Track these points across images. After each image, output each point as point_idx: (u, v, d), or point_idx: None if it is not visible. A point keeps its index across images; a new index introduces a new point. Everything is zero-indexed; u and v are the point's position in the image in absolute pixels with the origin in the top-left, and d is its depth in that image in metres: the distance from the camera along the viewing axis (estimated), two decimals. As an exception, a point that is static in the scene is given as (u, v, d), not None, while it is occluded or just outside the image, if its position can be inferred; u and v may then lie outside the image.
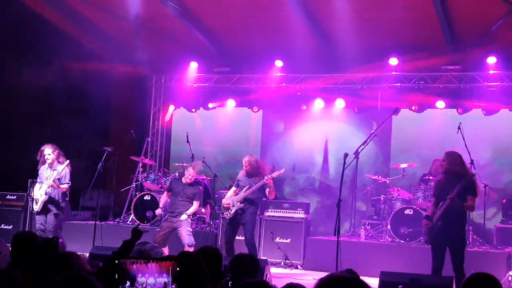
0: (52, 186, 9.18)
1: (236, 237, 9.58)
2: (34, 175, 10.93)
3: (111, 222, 12.30)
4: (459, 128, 10.44)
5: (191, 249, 8.86)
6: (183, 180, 9.79)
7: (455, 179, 7.49)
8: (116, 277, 2.00)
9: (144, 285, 2.00)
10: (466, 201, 7.40)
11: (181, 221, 9.51)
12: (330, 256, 7.92)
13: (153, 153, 14.65)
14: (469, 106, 12.55)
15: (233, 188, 9.57)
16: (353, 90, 13.29)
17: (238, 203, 9.18)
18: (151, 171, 12.98)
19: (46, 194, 9.23)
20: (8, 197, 12.32)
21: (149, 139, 14.43)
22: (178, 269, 1.97)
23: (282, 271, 10.44)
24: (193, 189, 9.84)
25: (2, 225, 12.12)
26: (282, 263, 10.88)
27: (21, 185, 12.30)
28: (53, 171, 9.29)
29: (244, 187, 9.27)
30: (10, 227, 12.08)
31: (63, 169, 9.31)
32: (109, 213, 12.87)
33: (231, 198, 9.36)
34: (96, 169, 10.25)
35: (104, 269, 2.02)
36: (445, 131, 12.40)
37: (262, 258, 10.23)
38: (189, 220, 9.89)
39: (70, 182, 9.45)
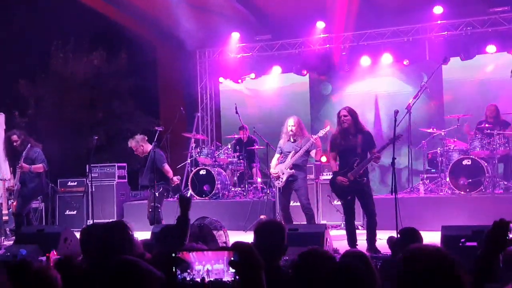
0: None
1: (293, 203, 9.55)
2: (90, 160, 11.22)
3: (171, 199, 12.45)
4: (512, 71, 10.13)
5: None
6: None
7: (354, 134, 7.94)
8: (174, 269, 2.04)
9: (201, 272, 2.03)
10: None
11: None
12: (390, 214, 7.81)
13: (204, 128, 14.77)
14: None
15: (277, 155, 9.25)
16: (399, 43, 13.00)
17: (288, 169, 9.01)
18: (203, 146, 13.06)
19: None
20: (69, 183, 12.63)
21: (199, 114, 14.54)
22: (233, 258, 1.99)
23: (342, 233, 10.40)
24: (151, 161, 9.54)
25: (67, 211, 12.47)
26: (342, 225, 10.82)
27: (79, 170, 12.60)
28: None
29: (289, 152, 9.07)
30: (75, 212, 12.42)
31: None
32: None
33: (278, 167, 9.09)
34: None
35: (165, 264, 2.06)
36: (497, 76, 12.05)
37: (321, 223, 10.27)
38: (159, 193, 9.52)
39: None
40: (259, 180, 12.56)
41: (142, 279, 2.34)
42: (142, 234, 7.28)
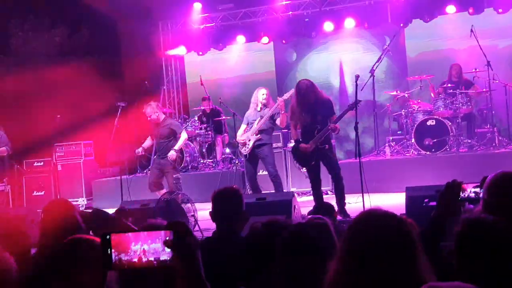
0: None
1: (262, 173, 9.58)
2: (54, 139, 11.11)
3: (139, 174, 12.44)
4: (471, 31, 10.21)
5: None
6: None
7: (314, 102, 7.99)
8: (109, 251, 2.03)
9: (138, 252, 2.03)
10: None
11: (167, 161, 9.46)
12: (357, 178, 7.91)
13: (170, 101, 14.66)
14: (480, 6, 12.11)
15: (243, 126, 9.31)
16: (361, 7, 12.96)
17: (254, 135, 9.03)
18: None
19: None
20: (35, 164, 12.50)
21: (165, 88, 14.41)
22: (168, 238, 2.00)
23: (312, 199, 10.49)
24: (165, 126, 9.61)
25: (35, 192, 12.35)
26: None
27: (44, 151, 12.45)
28: None
29: (255, 120, 9.07)
30: (43, 193, 12.31)
31: None
32: (136, 166, 12.96)
33: (245, 134, 9.16)
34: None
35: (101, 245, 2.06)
36: (458, 36, 12.14)
37: (290, 190, 10.34)
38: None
39: None
40: (227, 150, 12.56)
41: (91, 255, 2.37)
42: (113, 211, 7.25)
